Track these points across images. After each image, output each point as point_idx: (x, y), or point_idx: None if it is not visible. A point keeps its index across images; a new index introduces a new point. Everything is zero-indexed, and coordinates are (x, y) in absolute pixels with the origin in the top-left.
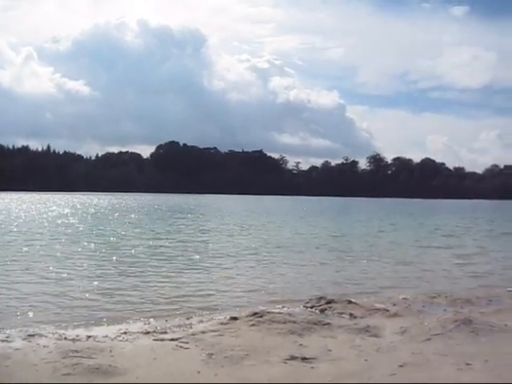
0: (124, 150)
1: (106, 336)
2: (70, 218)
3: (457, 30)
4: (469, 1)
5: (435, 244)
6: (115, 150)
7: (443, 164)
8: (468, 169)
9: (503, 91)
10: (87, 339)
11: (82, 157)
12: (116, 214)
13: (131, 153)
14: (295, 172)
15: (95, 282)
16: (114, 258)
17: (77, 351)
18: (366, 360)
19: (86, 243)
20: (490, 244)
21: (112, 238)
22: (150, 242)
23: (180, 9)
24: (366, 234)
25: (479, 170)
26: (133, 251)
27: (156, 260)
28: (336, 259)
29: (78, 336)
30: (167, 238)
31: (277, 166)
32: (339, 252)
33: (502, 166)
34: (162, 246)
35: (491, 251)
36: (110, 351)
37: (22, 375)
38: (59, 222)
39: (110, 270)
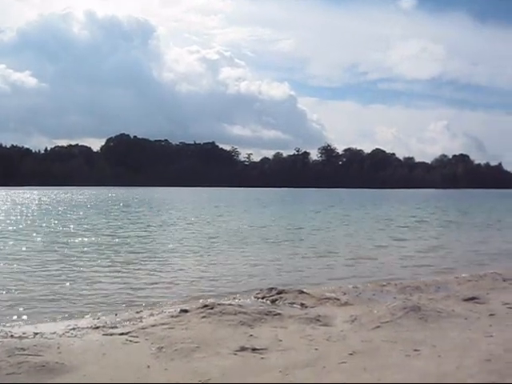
0: (73, 143)
1: (54, 332)
2: (12, 214)
3: (405, 22)
4: None
5: (386, 234)
6: (64, 143)
7: (393, 154)
8: (417, 159)
9: (451, 82)
10: (34, 336)
11: (31, 150)
12: (61, 209)
13: (81, 146)
14: (247, 164)
15: (40, 279)
16: (58, 253)
17: (23, 349)
18: (316, 349)
19: (27, 239)
20: (441, 233)
21: (55, 234)
22: (95, 238)
23: None
24: (318, 225)
25: (428, 160)
26: (77, 247)
27: (103, 255)
28: (288, 251)
29: (24, 333)
30: (113, 233)
31: (229, 157)
32: (290, 243)
33: (450, 156)
34: (108, 242)
35: (442, 240)
36: (58, 348)
37: None
38: (1, 217)
39: (54, 266)
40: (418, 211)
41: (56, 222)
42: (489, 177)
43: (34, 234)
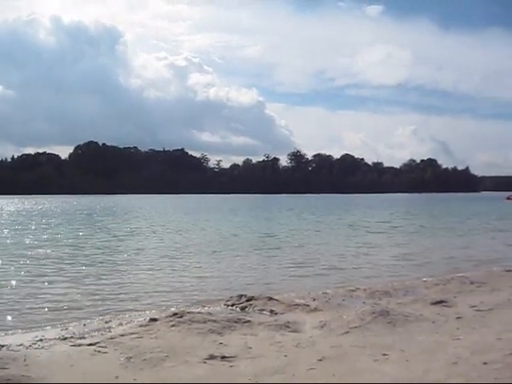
0: (41, 151)
1: (21, 344)
2: None
3: (372, 28)
4: (383, 0)
5: (358, 241)
6: (31, 151)
7: (362, 159)
8: (386, 164)
9: (418, 88)
10: (0, 349)
11: None
12: (25, 219)
13: (48, 154)
14: (217, 170)
15: (2, 291)
16: (22, 264)
17: None
18: (285, 356)
19: None
20: (413, 239)
21: (17, 246)
22: (60, 248)
23: (94, 4)
24: (289, 232)
25: (397, 165)
26: (41, 257)
27: (69, 266)
28: (258, 258)
29: None
30: (79, 243)
31: (198, 164)
32: (261, 251)
33: (418, 161)
34: (73, 252)
35: (415, 246)
36: (24, 360)
37: None
38: None
39: (17, 277)
40: (389, 216)
41: (18, 232)
42: (456, 181)
43: None
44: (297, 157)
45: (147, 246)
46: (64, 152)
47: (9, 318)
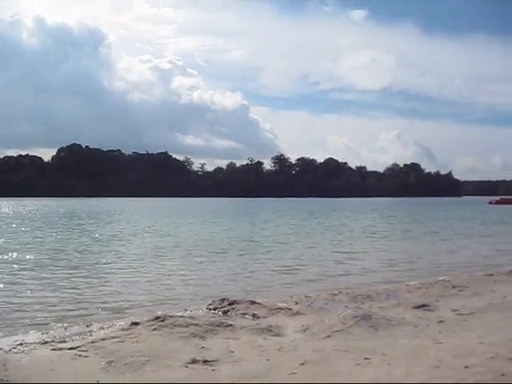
0: (23, 153)
1: (0, 349)
2: None
3: (356, 33)
4: (367, 5)
5: (343, 245)
6: (14, 153)
7: (345, 163)
8: (369, 168)
9: (402, 92)
10: None
11: None
12: (5, 222)
13: (31, 156)
14: (200, 173)
15: None
16: (1, 268)
17: None
18: (267, 360)
19: None
20: (398, 244)
21: None
22: (40, 252)
23: (78, 6)
24: (273, 236)
25: (380, 169)
26: (20, 262)
27: (50, 269)
28: (239, 261)
29: None
30: (60, 247)
31: (182, 167)
32: (242, 254)
33: (401, 165)
34: (54, 255)
35: (400, 251)
36: (4, 365)
37: None
38: None
39: None
40: (373, 220)
41: None
42: (439, 185)
43: None
44: (280, 160)
45: (129, 249)
46: (47, 154)
47: None
